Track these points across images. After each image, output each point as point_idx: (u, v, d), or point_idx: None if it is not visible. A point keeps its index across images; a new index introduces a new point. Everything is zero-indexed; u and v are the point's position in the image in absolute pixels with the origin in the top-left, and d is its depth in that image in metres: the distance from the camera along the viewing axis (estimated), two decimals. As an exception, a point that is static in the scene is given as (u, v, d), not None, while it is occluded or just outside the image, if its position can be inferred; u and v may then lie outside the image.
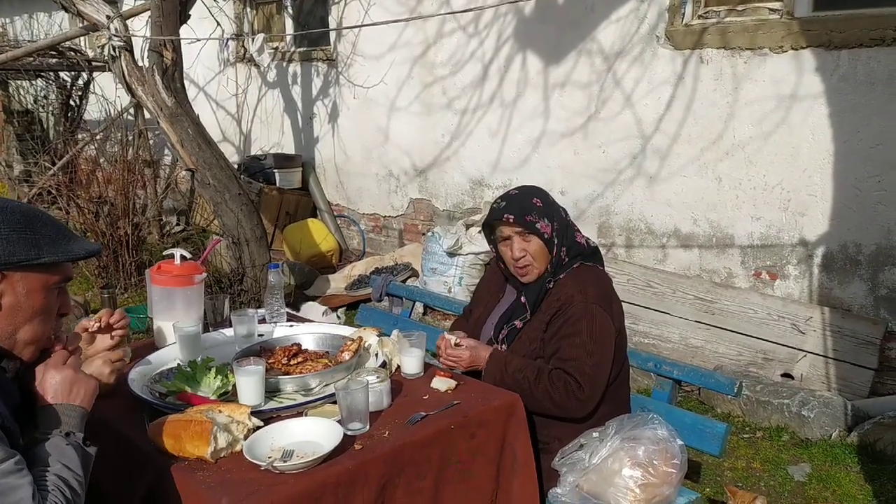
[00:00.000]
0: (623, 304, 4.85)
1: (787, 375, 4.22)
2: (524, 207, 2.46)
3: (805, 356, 4.20)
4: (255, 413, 1.96)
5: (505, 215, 2.46)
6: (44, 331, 1.68)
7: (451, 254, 5.54)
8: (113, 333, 2.22)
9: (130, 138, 6.80)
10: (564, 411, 2.34)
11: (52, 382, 1.68)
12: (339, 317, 2.99)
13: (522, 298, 2.53)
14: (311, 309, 5.39)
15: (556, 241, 2.46)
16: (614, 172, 5.18)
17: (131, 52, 5.38)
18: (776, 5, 4.35)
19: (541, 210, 2.46)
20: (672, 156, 4.86)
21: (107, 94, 7.79)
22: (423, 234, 6.46)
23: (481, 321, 2.66)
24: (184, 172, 5.99)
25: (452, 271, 5.53)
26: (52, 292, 1.67)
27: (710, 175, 4.71)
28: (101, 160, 6.85)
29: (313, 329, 2.68)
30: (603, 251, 5.25)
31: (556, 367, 2.35)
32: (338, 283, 6.26)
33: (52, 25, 10.56)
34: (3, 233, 1.58)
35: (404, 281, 5.95)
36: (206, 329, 2.66)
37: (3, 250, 1.57)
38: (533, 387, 2.34)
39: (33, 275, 1.62)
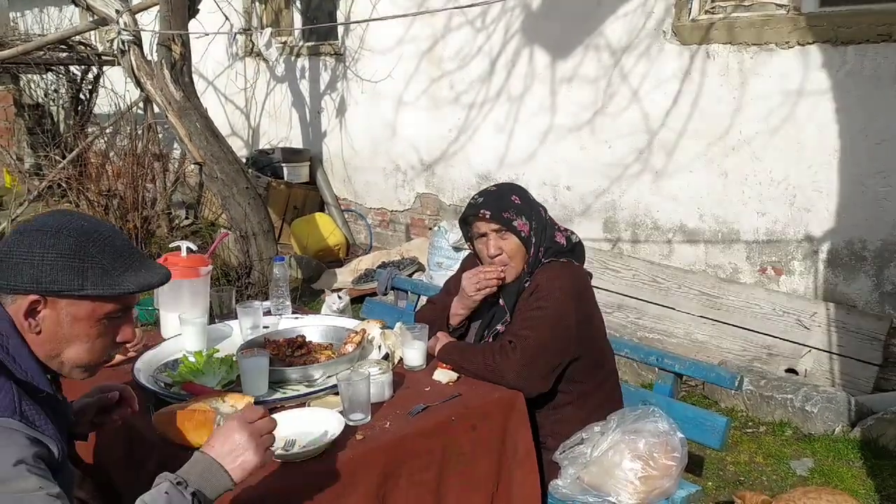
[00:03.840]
0: (628, 298, 4.90)
1: (791, 371, 4.23)
2: (502, 204, 2.42)
3: (809, 351, 4.20)
4: (258, 403, 1.99)
5: (481, 211, 2.42)
6: (91, 358, 1.60)
7: (458, 248, 5.56)
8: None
9: (140, 132, 6.83)
10: (495, 371, 2.26)
11: (226, 435, 1.58)
12: (339, 297, 3.06)
13: (501, 301, 2.49)
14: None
15: (533, 240, 2.42)
16: (621, 167, 5.19)
17: (140, 46, 5.43)
18: (783, 1, 4.34)
19: (518, 207, 2.42)
20: (678, 151, 4.87)
21: (116, 89, 7.83)
22: (430, 229, 6.49)
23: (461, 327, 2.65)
24: (192, 166, 6.03)
25: (458, 266, 5.54)
26: (102, 321, 1.58)
27: (716, 170, 4.71)
28: (111, 154, 6.89)
29: (318, 321, 2.71)
30: (608, 246, 5.29)
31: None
32: (345, 276, 6.29)
33: (62, 20, 10.61)
34: (50, 258, 1.51)
35: (410, 275, 5.97)
36: (211, 321, 2.70)
37: (46, 277, 1.50)
38: (475, 352, 2.33)
39: (80, 303, 1.54)
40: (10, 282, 1.51)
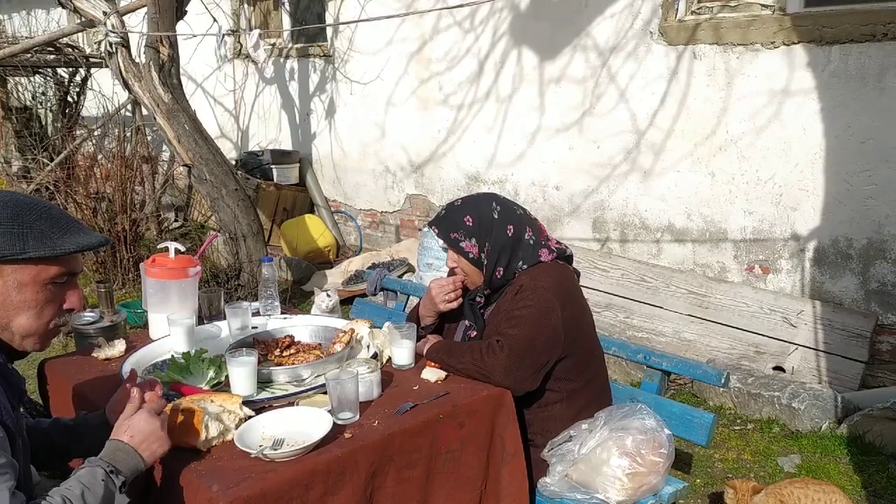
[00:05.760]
0: (617, 298, 4.92)
1: (778, 368, 4.26)
2: (452, 224, 2.45)
3: (796, 349, 4.23)
4: (246, 403, 2.00)
5: (433, 227, 2.49)
6: (39, 325, 1.67)
7: (447, 249, 5.56)
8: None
9: (128, 134, 6.82)
10: (483, 370, 2.27)
11: (138, 425, 1.70)
12: (328, 295, 3.07)
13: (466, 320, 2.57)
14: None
15: (485, 262, 2.43)
16: (609, 167, 5.21)
17: (128, 47, 5.42)
18: (768, 1, 4.37)
19: (470, 230, 2.43)
20: (666, 151, 4.89)
21: (104, 91, 7.81)
22: (420, 230, 6.50)
23: (451, 330, 2.67)
24: (181, 168, 6.01)
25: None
26: (48, 286, 1.66)
27: (703, 170, 4.74)
28: (99, 156, 6.87)
29: (306, 321, 2.72)
30: (597, 246, 5.32)
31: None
32: (335, 278, 6.29)
33: (49, 22, 10.57)
34: None
35: (401, 276, 5.98)
36: (200, 321, 2.70)
37: None
38: (463, 351, 2.34)
39: (24, 268, 1.62)
40: None
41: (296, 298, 5.87)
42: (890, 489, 3.29)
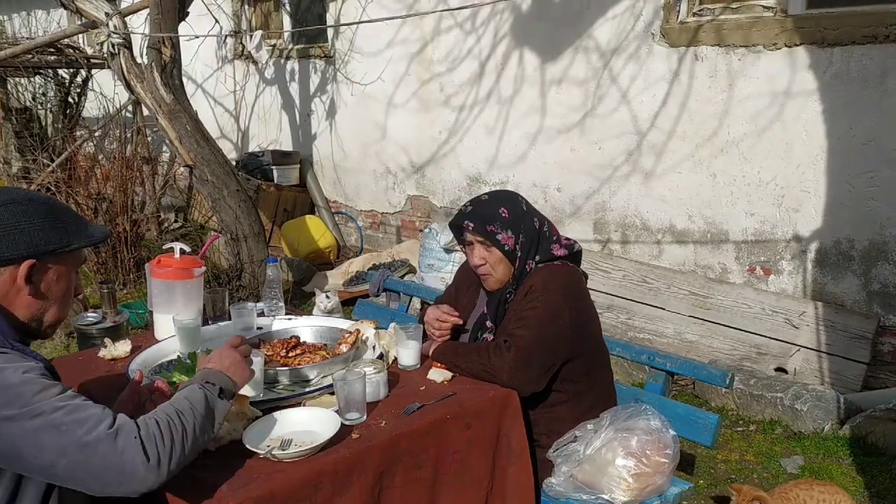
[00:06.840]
0: (618, 299, 4.92)
1: (780, 370, 4.26)
2: (488, 216, 2.43)
3: (798, 350, 4.24)
4: (254, 403, 2.00)
5: (465, 222, 2.45)
6: (65, 312, 1.78)
7: (448, 250, 5.57)
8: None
9: (129, 135, 6.81)
10: (489, 370, 2.27)
11: (219, 357, 1.84)
12: (328, 297, 3.07)
13: (485, 308, 2.52)
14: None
15: (519, 255, 2.43)
16: (610, 168, 5.22)
17: (130, 49, 5.41)
18: (770, 2, 4.38)
19: (505, 221, 2.43)
20: (667, 152, 4.90)
21: (105, 92, 7.79)
22: (421, 231, 6.50)
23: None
24: (182, 169, 6.01)
25: (449, 267, 5.56)
26: (74, 275, 1.77)
27: (704, 171, 4.74)
28: (100, 157, 6.86)
29: (311, 322, 2.72)
30: (598, 247, 5.32)
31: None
32: (336, 279, 6.29)
33: (50, 23, 10.57)
34: (37, 223, 1.66)
35: (402, 277, 5.98)
36: (204, 322, 2.70)
37: (41, 239, 1.66)
38: (469, 352, 2.34)
39: (64, 259, 1.72)
40: (4, 254, 1.62)
41: (296, 299, 5.87)
42: (893, 490, 3.29)
